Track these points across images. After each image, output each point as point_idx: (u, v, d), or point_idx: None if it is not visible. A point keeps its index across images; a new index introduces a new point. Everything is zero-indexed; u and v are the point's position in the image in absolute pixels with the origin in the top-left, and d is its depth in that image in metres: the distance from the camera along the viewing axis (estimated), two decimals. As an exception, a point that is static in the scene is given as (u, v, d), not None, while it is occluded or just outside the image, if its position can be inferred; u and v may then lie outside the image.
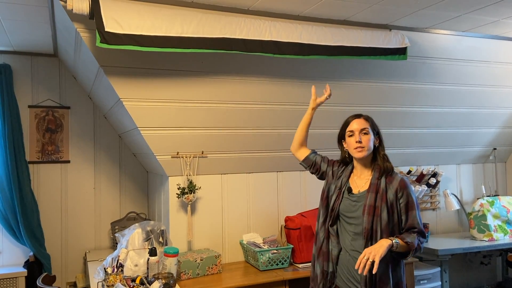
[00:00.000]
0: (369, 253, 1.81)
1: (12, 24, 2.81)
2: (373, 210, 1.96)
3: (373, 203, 1.97)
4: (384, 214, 1.95)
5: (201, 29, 2.38)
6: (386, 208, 1.96)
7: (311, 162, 2.34)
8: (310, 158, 2.34)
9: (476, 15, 2.79)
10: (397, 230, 1.98)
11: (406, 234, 1.95)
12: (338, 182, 2.15)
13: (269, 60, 2.74)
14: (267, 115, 2.99)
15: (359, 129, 2.06)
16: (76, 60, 3.04)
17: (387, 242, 1.84)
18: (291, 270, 2.87)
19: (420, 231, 1.97)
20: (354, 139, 2.06)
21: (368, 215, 1.96)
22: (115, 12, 2.21)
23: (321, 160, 2.32)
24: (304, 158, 2.36)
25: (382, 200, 1.97)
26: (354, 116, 2.13)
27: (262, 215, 3.27)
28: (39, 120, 3.58)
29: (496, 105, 3.70)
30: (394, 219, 1.98)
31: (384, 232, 1.94)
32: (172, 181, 3.00)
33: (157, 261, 2.51)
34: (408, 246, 1.90)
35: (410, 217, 1.98)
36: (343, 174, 2.16)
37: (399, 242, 1.88)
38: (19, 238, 3.38)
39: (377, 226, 1.95)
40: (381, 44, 2.82)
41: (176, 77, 2.65)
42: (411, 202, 1.99)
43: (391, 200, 1.98)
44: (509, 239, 3.59)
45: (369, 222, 1.95)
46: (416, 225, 1.97)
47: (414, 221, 1.97)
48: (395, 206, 1.98)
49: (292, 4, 2.53)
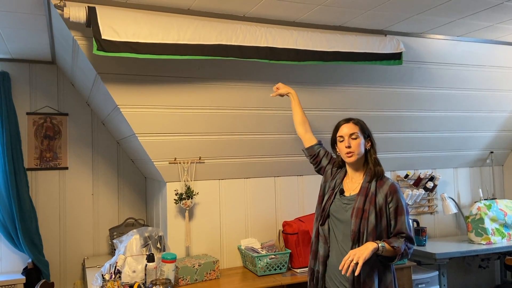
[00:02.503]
0: (354, 255, 1.84)
1: (10, 32, 2.83)
2: (361, 213, 1.98)
3: (361, 206, 1.99)
4: (371, 217, 1.97)
5: (197, 36, 2.40)
6: (375, 212, 1.98)
7: (314, 152, 2.37)
8: (314, 149, 2.37)
9: (470, 20, 2.82)
10: (385, 234, 2.00)
11: (394, 239, 1.97)
12: (332, 182, 2.18)
13: (265, 66, 2.75)
14: (263, 121, 3.00)
15: (348, 134, 2.09)
16: (74, 67, 3.06)
17: (373, 245, 1.86)
18: (289, 275, 2.87)
19: (408, 236, 1.98)
20: (344, 145, 2.08)
21: (356, 217, 1.98)
22: (112, 20, 2.22)
23: (324, 155, 2.34)
24: (308, 146, 2.40)
25: (371, 203, 1.99)
26: (344, 120, 2.16)
27: (260, 220, 3.27)
28: (37, 127, 3.59)
29: (492, 109, 3.72)
30: (382, 223, 1.99)
31: (371, 236, 1.95)
32: (170, 187, 3.01)
33: (155, 267, 2.51)
34: (394, 250, 1.91)
35: (398, 222, 1.99)
36: (338, 175, 2.19)
37: (385, 246, 1.90)
38: (17, 245, 3.38)
39: (364, 229, 1.96)
40: (376, 49, 2.84)
41: (173, 83, 2.66)
42: (401, 207, 2.00)
43: (380, 204, 1.99)
44: (507, 242, 3.60)
45: (356, 225, 1.97)
46: (404, 230, 1.98)
47: (403, 226, 1.98)
48: (384, 210, 1.99)
49: (288, 11, 2.56)
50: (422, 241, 3.57)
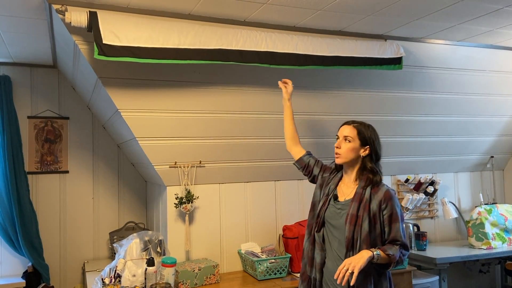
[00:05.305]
0: (349, 264, 1.82)
1: (12, 36, 2.85)
2: (355, 219, 1.96)
3: (355, 212, 1.97)
4: (365, 224, 1.95)
5: (197, 41, 2.41)
6: (368, 218, 1.96)
7: (304, 163, 2.37)
8: (303, 160, 2.37)
9: (470, 25, 2.82)
10: (379, 241, 1.98)
11: (389, 246, 1.95)
12: (326, 188, 2.17)
13: (265, 70, 2.76)
14: (264, 125, 3.01)
15: (343, 135, 2.08)
16: (75, 71, 3.07)
17: (368, 254, 1.85)
18: (289, 280, 2.86)
19: (403, 244, 1.96)
20: (336, 144, 2.09)
21: (349, 224, 1.96)
22: (113, 25, 2.24)
23: (314, 164, 2.33)
24: (298, 158, 2.40)
25: (364, 210, 1.97)
26: (347, 121, 2.15)
27: (260, 224, 3.27)
28: (38, 131, 3.60)
29: (492, 113, 3.72)
30: (376, 230, 1.97)
31: (365, 243, 1.93)
32: (170, 190, 3.01)
33: (155, 271, 2.51)
34: (389, 258, 1.90)
35: (393, 229, 1.96)
36: (331, 181, 2.17)
37: (380, 253, 1.88)
38: (17, 248, 3.38)
39: (357, 236, 1.94)
40: (376, 54, 2.85)
41: (174, 88, 2.67)
42: (395, 214, 1.97)
43: (374, 211, 1.97)
44: (507, 247, 3.59)
45: (350, 231, 1.95)
46: (399, 238, 1.96)
47: (397, 234, 1.96)
48: (378, 217, 1.97)
49: (288, 16, 2.57)
50: (423, 246, 3.56)
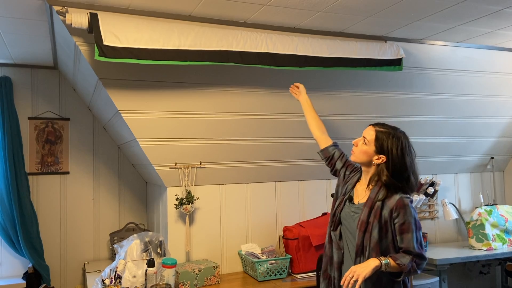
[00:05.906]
0: (354, 272, 1.79)
1: (13, 38, 2.85)
2: (364, 226, 1.92)
3: (365, 219, 1.93)
4: (375, 232, 1.90)
5: (198, 42, 2.41)
6: (379, 226, 1.90)
7: (328, 155, 2.33)
8: (329, 151, 2.35)
9: (470, 27, 2.83)
10: (392, 249, 1.91)
11: (401, 255, 1.88)
12: (344, 188, 2.14)
13: (266, 71, 2.77)
14: (264, 126, 3.01)
15: (363, 135, 2.05)
16: (76, 72, 3.07)
17: (375, 263, 1.80)
18: (290, 281, 2.87)
19: (417, 254, 1.87)
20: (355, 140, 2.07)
21: (359, 231, 1.93)
22: (113, 26, 2.24)
23: (339, 157, 2.29)
24: (323, 148, 2.36)
25: (375, 217, 1.91)
26: (375, 123, 2.08)
27: (260, 226, 3.27)
28: (38, 132, 3.61)
29: (492, 115, 3.72)
30: (388, 237, 1.91)
31: (374, 251, 1.88)
32: (170, 191, 3.01)
33: (155, 272, 2.51)
34: (400, 267, 1.84)
35: (405, 240, 1.88)
36: (350, 180, 2.14)
37: (390, 262, 1.83)
38: (18, 249, 3.39)
39: (367, 243, 1.91)
40: (376, 55, 2.85)
41: (174, 89, 2.68)
42: (407, 224, 1.88)
43: (385, 218, 1.91)
44: (507, 248, 3.58)
45: (360, 238, 1.92)
46: (411, 249, 1.87)
47: (410, 245, 1.87)
48: (389, 225, 1.91)
49: (288, 17, 2.57)
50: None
